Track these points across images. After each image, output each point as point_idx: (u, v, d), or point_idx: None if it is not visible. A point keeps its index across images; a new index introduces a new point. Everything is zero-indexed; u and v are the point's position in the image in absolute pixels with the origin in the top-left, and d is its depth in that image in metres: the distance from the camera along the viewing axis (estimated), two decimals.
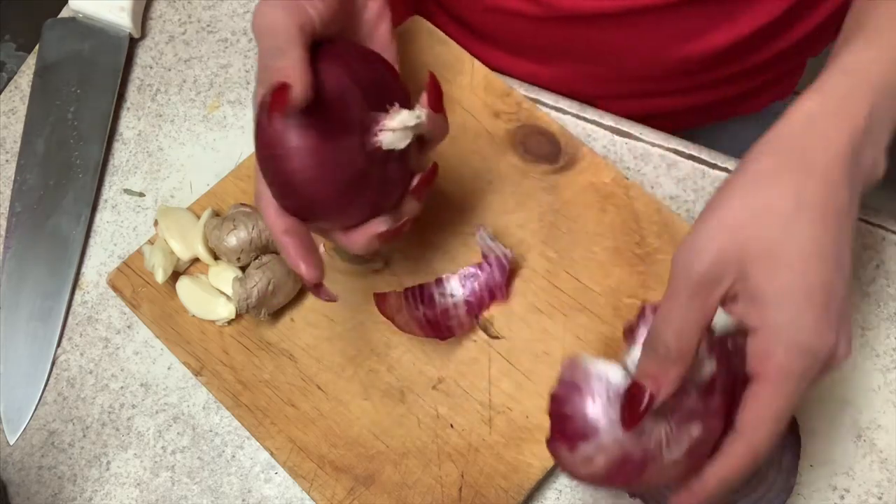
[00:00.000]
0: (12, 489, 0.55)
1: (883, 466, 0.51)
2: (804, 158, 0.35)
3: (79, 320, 0.59)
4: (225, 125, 0.65)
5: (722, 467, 0.36)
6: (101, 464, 0.55)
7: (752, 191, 0.35)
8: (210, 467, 0.54)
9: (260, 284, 0.52)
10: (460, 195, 0.57)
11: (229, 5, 0.70)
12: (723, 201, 0.35)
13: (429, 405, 0.52)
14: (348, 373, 0.53)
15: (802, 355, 0.34)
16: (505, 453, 0.50)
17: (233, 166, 0.62)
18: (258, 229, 0.54)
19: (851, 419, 0.52)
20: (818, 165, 0.35)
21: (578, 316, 0.53)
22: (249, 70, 0.67)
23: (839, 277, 0.34)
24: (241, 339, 0.55)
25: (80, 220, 0.62)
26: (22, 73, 0.68)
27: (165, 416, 0.56)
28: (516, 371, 0.52)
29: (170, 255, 0.56)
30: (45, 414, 0.57)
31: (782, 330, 0.34)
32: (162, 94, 0.67)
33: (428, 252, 0.56)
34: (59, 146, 0.64)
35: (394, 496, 0.50)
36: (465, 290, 0.54)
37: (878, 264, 0.56)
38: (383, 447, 0.51)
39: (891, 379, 0.53)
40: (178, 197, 0.63)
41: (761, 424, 0.34)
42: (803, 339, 0.33)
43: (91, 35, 0.67)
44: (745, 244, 0.34)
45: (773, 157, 0.36)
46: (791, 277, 0.33)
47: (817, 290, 0.34)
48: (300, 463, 0.51)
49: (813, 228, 0.34)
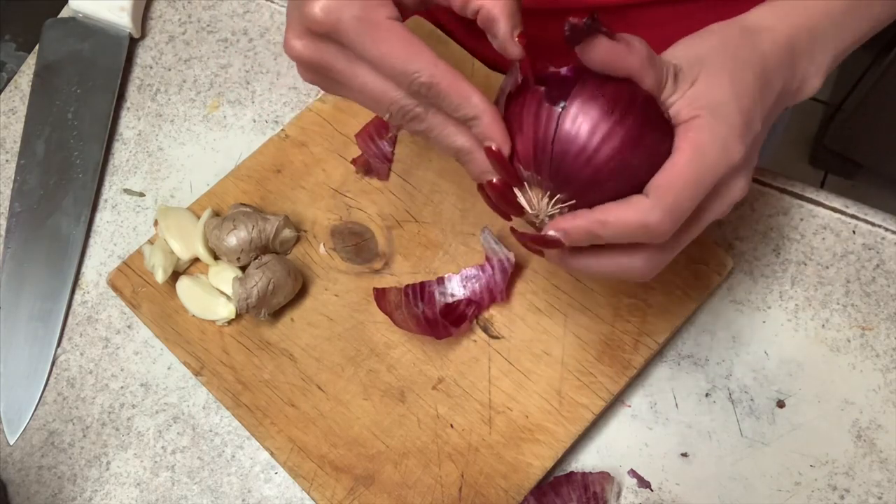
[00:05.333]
0: (12, 489, 0.55)
1: (883, 466, 0.51)
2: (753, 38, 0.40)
3: (79, 320, 0.59)
4: (225, 125, 0.65)
5: (618, 211, 0.36)
6: (101, 464, 0.55)
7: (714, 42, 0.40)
8: (210, 467, 0.54)
9: (260, 284, 0.52)
10: (461, 195, 0.57)
11: (229, 5, 0.70)
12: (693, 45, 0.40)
13: (429, 405, 0.52)
14: (348, 373, 0.53)
15: (720, 142, 0.37)
16: (505, 453, 0.50)
17: (233, 166, 0.62)
18: (258, 229, 0.54)
19: (851, 419, 0.52)
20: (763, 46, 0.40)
21: (578, 316, 0.53)
22: (249, 70, 0.67)
23: (756, 120, 0.39)
24: (241, 339, 0.55)
25: (80, 220, 0.62)
26: (22, 73, 0.68)
27: (165, 416, 0.56)
28: (516, 371, 0.52)
29: (170, 255, 0.56)
30: (45, 414, 0.57)
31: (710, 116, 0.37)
32: (162, 94, 0.67)
33: (428, 252, 0.56)
34: (59, 146, 0.64)
35: (394, 496, 0.50)
36: (465, 290, 0.54)
37: (878, 264, 0.56)
38: (383, 447, 0.51)
39: (891, 379, 0.53)
40: (178, 197, 0.63)
41: (671, 188, 0.36)
42: (723, 133, 0.37)
43: (91, 35, 0.67)
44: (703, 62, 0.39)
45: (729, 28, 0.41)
46: (729, 93, 0.38)
47: (745, 112, 0.38)
48: (300, 463, 0.51)
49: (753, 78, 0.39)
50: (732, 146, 0.37)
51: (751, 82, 0.39)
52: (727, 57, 0.39)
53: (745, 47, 0.40)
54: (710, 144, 0.36)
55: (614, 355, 0.52)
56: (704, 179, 0.36)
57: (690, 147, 0.36)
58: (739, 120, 0.37)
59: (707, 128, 0.37)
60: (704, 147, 0.36)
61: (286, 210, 0.58)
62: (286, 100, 0.66)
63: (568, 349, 0.52)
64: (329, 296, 0.56)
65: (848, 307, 0.55)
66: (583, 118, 0.36)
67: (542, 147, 0.37)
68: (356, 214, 0.58)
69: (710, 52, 0.39)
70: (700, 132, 0.36)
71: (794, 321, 0.55)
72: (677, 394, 0.54)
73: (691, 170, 0.36)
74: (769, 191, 0.59)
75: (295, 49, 0.39)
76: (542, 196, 0.38)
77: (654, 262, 0.39)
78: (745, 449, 0.52)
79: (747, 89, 0.38)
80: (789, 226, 0.58)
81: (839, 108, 1.47)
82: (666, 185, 0.36)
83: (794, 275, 0.56)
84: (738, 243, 0.57)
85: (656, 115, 0.37)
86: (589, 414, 0.51)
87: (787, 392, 0.53)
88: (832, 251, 0.57)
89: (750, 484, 0.51)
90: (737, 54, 0.39)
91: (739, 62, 0.39)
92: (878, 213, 0.58)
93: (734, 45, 0.40)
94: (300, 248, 0.57)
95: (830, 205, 0.58)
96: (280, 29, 0.68)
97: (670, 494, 0.51)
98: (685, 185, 0.36)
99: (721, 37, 0.40)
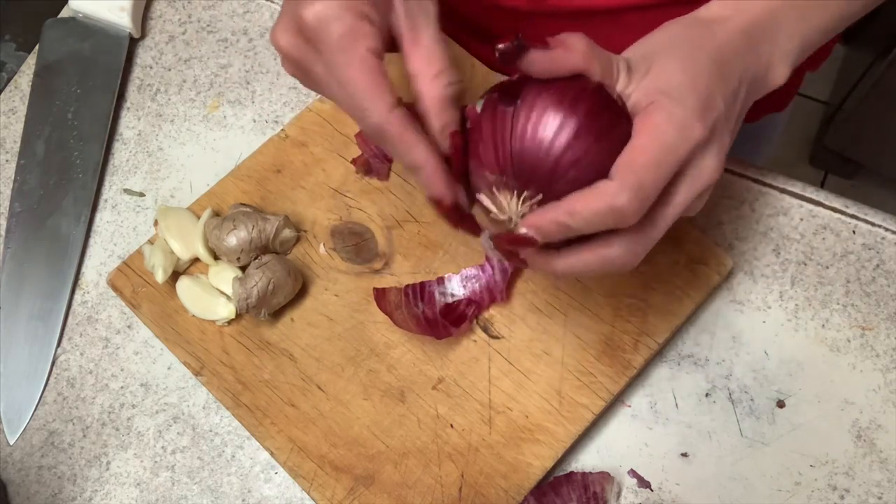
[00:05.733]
0: (12, 489, 0.55)
1: (883, 466, 0.51)
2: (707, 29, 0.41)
3: (79, 320, 0.59)
4: (225, 125, 0.65)
5: (585, 199, 0.36)
6: (101, 464, 0.55)
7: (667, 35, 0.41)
8: (210, 467, 0.54)
9: (260, 284, 0.52)
10: None
11: (229, 5, 0.70)
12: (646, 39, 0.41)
13: (429, 405, 0.52)
14: (348, 373, 0.53)
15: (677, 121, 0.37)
16: (505, 453, 0.50)
17: (233, 166, 0.62)
18: (258, 229, 0.54)
19: (851, 419, 0.52)
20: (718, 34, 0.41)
21: (578, 316, 0.53)
22: (249, 70, 0.67)
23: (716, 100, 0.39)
24: (241, 339, 0.55)
25: (80, 220, 0.62)
26: (22, 73, 0.68)
27: (165, 416, 0.56)
28: (516, 371, 0.52)
29: (170, 255, 0.56)
30: (45, 414, 0.57)
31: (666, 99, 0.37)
32: (162, 94, 0.67)
33: (428, 252, 0.56)
34: (59, 146, 0.64)
35: (394, 496, 0.50)
36: (465, 290, 0.54)
37: (878, 264, 0.56)
38: (383, 447, 0.51)
39: (891, 379, 0.53)
40: (178, 197, 0.63)
41: (632, 167, 0.36)
42: (680, 114, 0.37)
43: (91, 35, 0.67)
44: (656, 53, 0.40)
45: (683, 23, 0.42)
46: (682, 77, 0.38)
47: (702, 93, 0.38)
48: (300, 463, 0.51)
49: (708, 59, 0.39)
50: (691, 124, 0.37)
51: (705, 65, 0.39)
52: (679, 45, 0.40)
53: (697, 37, 0.41)
54: (668, 124, 0.37)
55: (614, 355, 0.52)
56: (666, 158, 0.36)
57: (648, 129, 0.37)
58: (695, 99, 0.38)
59: (664, 110, 0.37)
60: (662, 127, 0.37)
61: (286, 210, 0.58)
62: (286, 100, 0.66)
63: (568, 349, 0.52)
64: (329, 296, 0.56)
65: (848, 307, 0.55)
66: (535, 112, 0.37)
67: (502, 148, 0.38)
68: (356, 214, 0.58)
69: (662, 43, 0.40)
70: (657, 114, 0.37)
71: (794, 321, 0.55)
72: (677, 394, 0.54)
73: (651, 149, 0.36)
74: (769, 191, 0.59)
75: (280, 42, 0.41)
76: (511, 197, 0.39)
77: (633, 248, 0.39)
78: (745, 449, 0.52)
79: (702, 72, 0.39)
80: (789, 226, 0.58)
81: (839, 108, 1.47)
82: (627, 166, 0.36)
83: (794, 275, 0.56)
84: (738, 243, 0.57)
85: (609, 101, 0.37)
86: (589, 414, 0.51)
87: (787, 392, 0.53)
88: (832, 251, 0.57)
89: (750, 484, 0.51)
90: (689, 42, 0.40)
91: (692, 49, 0.40)
92: (878, 213, 0.58)
93: (686, 35, 0.41)
94: (300, 248, 0.57)
95: (830, 205, 0.58)
96: None
97: (670, 494, 0.51)
98: (647, 163, 0.36)
99: (673, 30, 0.41)
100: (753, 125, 0.73)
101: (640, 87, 0.38)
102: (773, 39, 0.42)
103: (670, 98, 0.37)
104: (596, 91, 0.37)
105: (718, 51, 0.40)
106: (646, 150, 0.36)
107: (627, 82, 0.38)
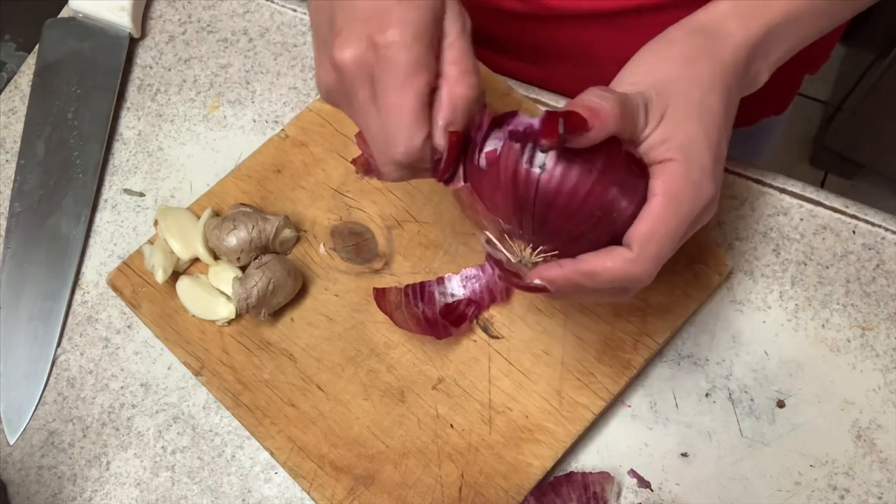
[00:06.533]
0: (12, 489, 0.55)
1: (883, 466, 0.51)
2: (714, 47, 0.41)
3: (79, 320, 0.59)
4: (225, 125, 0.65)
5: (603, 263, 0.37)
6: (101, 464, 0.55)
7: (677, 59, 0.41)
8: (210, 467, 0.54)
9: (260, 284, 0.52)
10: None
11: (229, 5, 0.70)
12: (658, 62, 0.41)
13: (429, 405, 0.52)
14: (348, 373, 0.53)
15: (692, 188, 0.38)
16: (505, 453, 0.50)
17: (233, 166, 0.62)
18: (258, 229, 0.54)
19: (851, 419, 0.52)
20: (725, 57, 0.41)
21: (578, 316, 0.53)
22: (249, 70, 0.67)
23: (724, 148, 0.40)
24: (241, 339, 0.55)
25: (80, 220, 0.62)
26: (22, 73, 0.68)
27: (165, 416, 0.56)
28: (516, 371, 0.52)
29: (170, 255, 0.56)
30: (45, 414, 0.57)
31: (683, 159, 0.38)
32: (162, 94, 0.67)
33: (428, 252, 0.56)
34: (59, 146, 0.64)
35: (394, 496, 0.50)
36: (465, 290, 0.54)
37: (878, 264, 0.56)
38: (383, 447, 0.51)
39: (891, 379, 0.53)
40: (178, 197, 0.63)
41: (652, 240, 0.37)
42: (697, 178, 0.38)
43: (91, 35, 0.67)
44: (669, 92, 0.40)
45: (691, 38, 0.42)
46: (699, 129, 0.39)
47: (714, 146, 0.39)
48: (300, 463, 0.51)
49: (719, 103, 0.40)
50: (705, 188, 0.38)
51: (717, 110, 0.40)
52: (692, 82, 0.40)
53: (707, 62, 0.41)
54: (685, 191, 0.38)
55: (614, 355, 0.52)
56: (682, 226, 0.38)
57: (667, 196, 0.37)
58: (710, 159, 0.39)
59: (682, 174, 0.38)
60: (680, 195, 0.38)
61: (286, 210, 0.58)
62: (286, 100, 0.66)
63: (568, 349, 0.52)
64: (329, 296, 0.56)
65: (848, 307, 0.55)
66: (564, 179, 0.37)
67: (524, 206, 0.38)
68: (356, 214, 0.58)
69: (675, 75, 0.40)
70: (675, 180, 0.38)
71: (794, 321, 0.55)
72: (677, 394, 0.54)
73: (669, 219, 0.37)
74: (769, 191, 0.59)
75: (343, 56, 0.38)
76: (525, 247, 0.39)
77: (634, 293, 0.41)
78: (745, 449, 0.52)
79: (715, 120, 0.40)
80: (789, 226, 0.58)
81: (839, 108, 1.47)
82: (647, 237, 0.37)
83: (794, 275, 0.56)
84: (738, 243, 0.57)
85: (634, 164, 0.38)
86: (589, 414, 0.51)
87: (787, 392, 0.53)
88: (832, 251, 0.57)
89: (750, 484, 0.51)
90: (700, 76, 0.40)
91: (704, 87, 0.40)
92: (878, 213, 0.58)
93: (697, 64, 0.40)
94: (300, 248, 0.57)
95: (830, 205, 0.58)
96: (280, 29, 0.69)
97: (670, 494, 0.51)
98: (665, 234, 0.37)
99: (682, 51, 0.41)
100: (751, 128, 0.73)
101: (656, 133, 0.39)
102: (766, 54, 0.43)
103: (688, 159, 0.38)
104: (625, 162, 0.37)
105: (725, 82, 0.41)
106: (666, 222, 0.37)
107: (645, 124, 0.39)
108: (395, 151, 0.38)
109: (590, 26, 0.59)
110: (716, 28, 0.42)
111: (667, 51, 0.41)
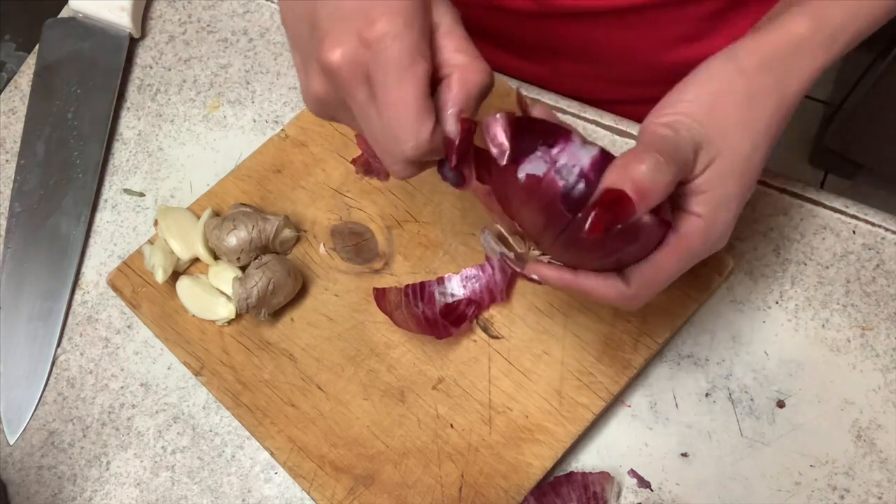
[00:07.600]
0: (12, 489, 0.55)
1: (883, 466, 0.51)
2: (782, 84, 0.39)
3: (79, 320, 0.59)
4: (225, 125, 0.65)
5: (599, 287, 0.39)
6: (101, 464, 0.55)
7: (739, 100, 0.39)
8: (210, 467, 0.54)
9: (260, 284, 0.52)
10: (461, 195, 0.57)
11: (229, 5, 0.70)
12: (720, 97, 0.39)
13: (429, 405, 0.52)
14: (348, 373, 0.53)
15: (707, 245, 0.39)
16: (505, 453, 0.50)
17: (233, 166, 0.62)
18: (258, 229, 0.54)
19: (851, 419, 0.52)
20: (789, 91, 0.39)
21: (578, 316, 0.53)
22: (249, 70, 0.67)
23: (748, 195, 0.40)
24: (241, 339, 0.55)
25: (80, 220, 0.62)
26: (22, 73, 0.68)
27: (165, 416, 0.56)
28: (516, 371, 0.52)
29: (170, 255, 0.56)
30: (45, 414, 0.57)
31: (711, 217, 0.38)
32: (162, 94, 0.67)
33: (428, 252, 0.56)
34: (59, 146, 0.64)
35: (394, 496, 0.50)
36: (465, 290, 0.54)
37: (878, 264, 0.56)
38: (383, 447, 0.51)
39: (891, 379, 0.53)
40: (178, 197, 0.63)
41: (654, 283, 0.38)
42: (714, 237, 0.39)
43: (91, 35, 0.67)
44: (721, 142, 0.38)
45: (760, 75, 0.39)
46: (736, 188, 0.39)
47: (743, 200, 0.39)
48: (300, 463, 0.51)
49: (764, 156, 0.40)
50: (719, 243, 0.39)
51: (759, 164, 0.39)
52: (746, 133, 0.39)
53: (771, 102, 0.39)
54: (699, 248, 0.38)
55: (614, 355, 0.52)
56: (684, 270, 0.39)
57: (678, 250, 0.38)
58: (734, 213, 0.39)
59: (701, 233, 0.38)
60: (693, 250, 0.38)
61: (286, 210, 0.58)
62: (286, 100, 0.66)
63: (568, 349, 0.52)
64: (329, 296, 0.56)
65: (848, 307, 0.55)
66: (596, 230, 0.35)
67: (549, 230, 0.38)
68: (356, 214, 0.58)
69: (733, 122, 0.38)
70: (694, 236, 0.38)
71: (794, 321, 0.55)
72: (677, 394, 0.54)
73: (674, 268, 0.38)
74: (769, 191, 0.59)
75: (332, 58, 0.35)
76: (533, 247, 0.41)
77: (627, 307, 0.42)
78: (745, 449, 0.52)
79: (753, 176, 0.39)
80: (789, 226, 0.58)
81: (839, 108, 1.47)
82: (649, 281, 0.38)
83: (794, 275, 0.56)
84: (738, 243, 0.57)
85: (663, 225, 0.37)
86: (589, 414, 0.51)
87: (787, 392, 0.53)
88: (832, 251, 0.57)
89: (750, 484, 0.51)
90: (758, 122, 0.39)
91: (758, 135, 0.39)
92: (878, 213, 0.58)
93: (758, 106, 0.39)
94: (300, 248, 0.57)
95: (830, 205, 0.58)
96: (280, 29, 0.68)
97: (670, 494, 0.51)
98: (666, 279, 0.39)
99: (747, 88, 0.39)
100: None
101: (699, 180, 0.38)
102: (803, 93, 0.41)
103: (714, 219, 0.38)
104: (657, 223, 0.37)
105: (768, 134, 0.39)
106: (669, 270, 0.38)
107: (692, 169, 0.38)
108: (404, 148, 0.36)
109: (598, 24, 0.59)
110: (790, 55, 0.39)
111: (733, 85, 0.39)
